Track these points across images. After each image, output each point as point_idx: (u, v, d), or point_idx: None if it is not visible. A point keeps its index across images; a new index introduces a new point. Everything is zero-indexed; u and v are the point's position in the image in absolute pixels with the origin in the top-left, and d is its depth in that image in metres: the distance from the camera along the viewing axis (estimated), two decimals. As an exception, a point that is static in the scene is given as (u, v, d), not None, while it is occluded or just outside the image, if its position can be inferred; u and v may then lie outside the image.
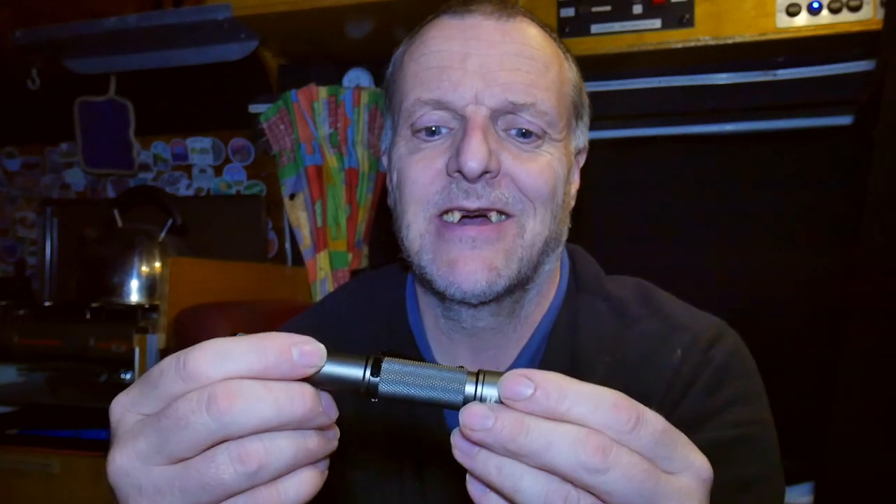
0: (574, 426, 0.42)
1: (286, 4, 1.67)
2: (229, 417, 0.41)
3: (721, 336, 0.86)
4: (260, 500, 0.43)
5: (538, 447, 0.42)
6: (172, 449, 0.42)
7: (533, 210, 0.79)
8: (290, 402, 0.43)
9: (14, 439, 1.78)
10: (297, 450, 0.43)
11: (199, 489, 0.42)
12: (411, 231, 0.80)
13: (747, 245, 1.80)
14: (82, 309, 1.75)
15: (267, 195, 2.26)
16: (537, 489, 0.42)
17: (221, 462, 0.42)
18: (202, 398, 0.41)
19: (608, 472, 0.41)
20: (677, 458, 0.44)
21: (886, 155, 1.26)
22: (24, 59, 2.03)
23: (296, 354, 0.43)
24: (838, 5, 1.47)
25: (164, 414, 0.42)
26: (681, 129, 1.72)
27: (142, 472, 0.43)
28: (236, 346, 0.43)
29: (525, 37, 0.81)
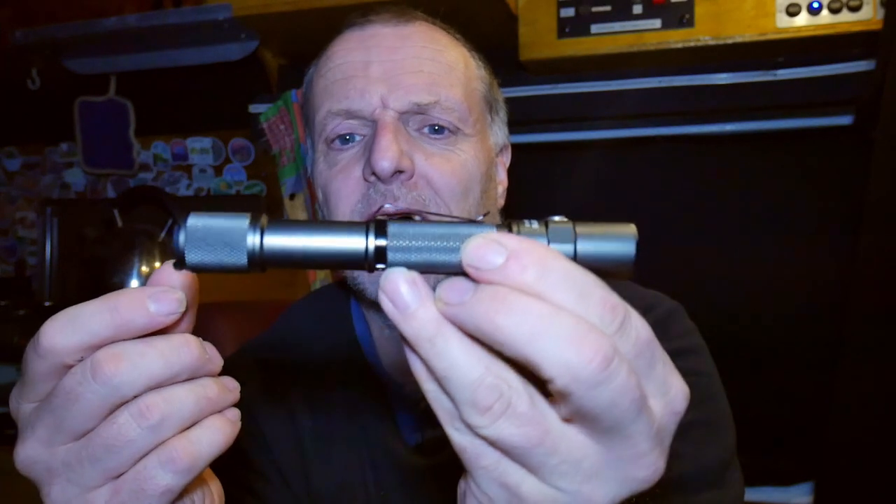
0: (573, 317, 0.33)
1: (286, 4, 1.67)
2: (118, 379, 0.40)
3: (652, 307, 0.86)
4: (173, 453, 0.41)
5: (525, 335, 0.33)
6: (70, 424, 0.41)
7: (449, 212, 0.79)
8: (177, 352, 0.41)
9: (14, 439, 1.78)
10: (197, 397, 0.42)
11: (106, 453, 0.41)
12: None
13: (747, 245, 1.80)
14: (82, 309, 1.75)
15: (267, 195, 2.26)
16: (469, 378, 0.34)
17: (123, 422, 0.41)
18: (86, 368, 0.40)
19: (601, 385, 0.32)
20: (654, 379, 0.36)
21: (886, 155, 1.26)
22: (24, 59, 2.03)
23: (151, 305, 0.41)
24: (838, 5, 1.47)
25: (52, 394, 0.41)
26: (681, 129, 1.72)
27: (48, 455, 0.43)
28: (85, 310, 0.41)
29: (425, 39, 0.83)
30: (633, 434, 0.35)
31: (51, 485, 0.43)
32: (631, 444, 0.35)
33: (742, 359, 1.08)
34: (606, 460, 0.35)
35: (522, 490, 0.36)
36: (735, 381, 0.87)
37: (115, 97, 2.25)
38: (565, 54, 1.64)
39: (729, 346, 0.93)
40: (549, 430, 0.35)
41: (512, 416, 0.34)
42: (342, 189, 0.80)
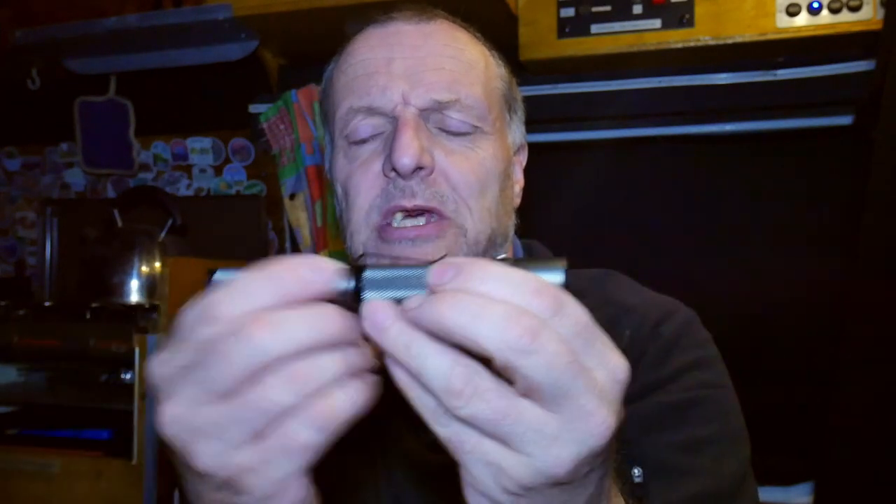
0: (505, 304, 0.41)
1: (286, 4, 1.67)
2: (267, 342, 0.43)
3: (671, 314, 0.87)
4: (313, 411, 0.44)
5: (466, 321, 0.41)
6: (218, 384, 0.43)
7: (468, 209, 0.80)
8: (322, 320, 0.44)
9: (14, 439, 1.78)
10: (339, 364, 0.45)
11: (255, 413, 0.43)
12: (354, 240, 0.82)
13: (747, 245, 1.81)
14: (82, 309, 1.75)
15: (267, 195, 2.26)
16: (442, 370, 0.42)
17: (273, 385, 0.43)
18: (235, 331, 0.43)
19: (533, 354, 0.40)
20: (594, 354, 0.43)
21: (886, 155, 1.26)
22: (24, 59, 2.03)
23: (307, 274, 0.45)
24: (838, 5, 1.47)
25: (202, 355, 0.44)
26: (681, 129, 1.72)
27: (194, 415, 0.44)
28: (252, 279, 0.45)
29: (447, 37, 0.84)
30: (576, 395, 0.41)
31: (195, 443, 0.45)
32: (577, 405, 0.42)
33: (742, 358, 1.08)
34: (562, 424, 0.42)
35: (503, 462, 0.43)
36: (735, 382, 0.87)
37: (115, 97, 2.25)
38: (565, 54, 1.64)
39: (729, 345, 0.92)
40: (511, 403, 0.42)
41: (481, 395, 0.41)
42: (362, 184, 0.80)
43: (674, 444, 0.76)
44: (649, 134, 1.76)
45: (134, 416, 1.57)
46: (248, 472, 0.45)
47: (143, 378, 1.57)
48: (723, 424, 0.80)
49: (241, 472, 0.45)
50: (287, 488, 0.46)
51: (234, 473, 0.45)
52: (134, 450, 1.58)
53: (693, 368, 0.82)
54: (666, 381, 0.80)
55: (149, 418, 1.56)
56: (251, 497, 0.46)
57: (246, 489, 0.45)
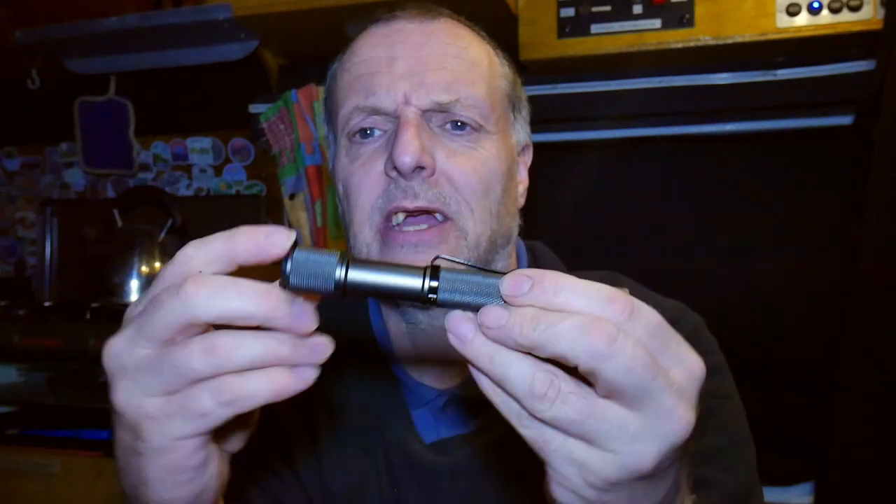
0: (580, 316, 0.43)
1: (286, 4, 1.67)
2: (194, 302, 0.44)
3: (679, 319, 0.87)
4: (222, 386, 0.46)
5: (547, 336, 0.43)
6: (148, 331, 0.46)
7: (470, 210, 0.79)
8: (254, 297, 0.45)
9: (14, 439, 1.78)
10: (265, 349, 0.46)
11: (171, 372, 0.46)
12: (358, 241, 0.82)
13: (747, 244, 1.80)
14: (82, 309, 1.75)
15: (267, 195, 2.26)
16: (524, 376, 0.44)
17: (194, 350, 0.45)
18: (176, 283, 0.45)
19: (612, 358, 0.42)
20: (671, 354, 0.45)
21: (886, 155, 1.26)
22: (24, 59, 2.03)
23: (263, 236, 0.46)
24: (838, 5, 1.47)
25: (150, 301, 0.47)
26: (681, 129, 1.72)
27: (126, 354, 0.47)
28: (214, 236, 0.47)
29: (450, 36, 0.83)
30: (656, 394, 0.43)
31: (120, 379, 0.48)
32: (657, 403, 0.43)
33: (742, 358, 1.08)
34: (645, 421, 0.44)
35: (588, 460, 0.45)
36: (735, 381, 0.87)
37: (115, 97, 2.25)
38: (565, 54, 1.64)
39: (728, 345, 0.92)
40: (594, 404, 0.44)
41: (563, 397, 0.44)
42: (363, 183, 0.80)
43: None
44: (649, 134, 1.75)
45: (134, 416, 1.57)
46: (150, 420, 0.47)
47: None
48: (731, 434, 0.81)
49: (144, 420, 0.47)
50: (179, 448, 0.48)
51: (138, 418, 0.48)
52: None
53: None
54: None
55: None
56: (146, 445, 0.48)
57: (144, 436, 0.48)
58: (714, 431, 0.79)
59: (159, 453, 0.48)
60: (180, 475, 0.49)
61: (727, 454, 0.78)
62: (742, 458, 0.81)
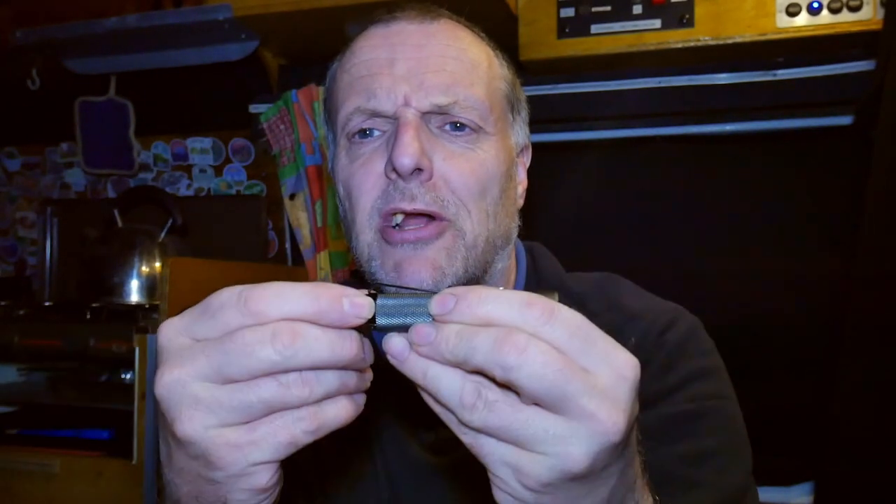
0: (495, 328, 0.46)
1: (286, 4, 1.67)
2: (291, 352, 0.47)
3: (675, 321, 0.87)
4: (307, 415, 0.50)
5: (466, 351, 0.46)
6: (233, 371, 0.47)
7: (467, 212, 0.80)
8: (342, 346, 0.49)
9: (14, 439, 1.78)
10: (340, 384, 0.50)
11: (258, 402, 0.48)
12: (360, 241, 0.82)
13: (747, 245, 1.80)
14: (82, 309, 1.75)
15: (267, 195, 2.26)
16: (453, 389, 0.47)
17: (282, 383, 0.48)
18: (267, 332, 0.47)
19: (521, 368, 0.44)
20: (595, 354, 0.46)
21: (886, 155, 1.26)
22: (24, 59, 2.03)
23: (346, 305, 0.49)
24: (838, 5, 1.47)
25: (230, 340, 0.48)
26: (681, 129, 1.72)
27: (199, 387, 0.48)
28: (294, 291, 0.48)
29: (449, 37, 0.84)
30: (574, 397, 0.45)
31: (193, 409, 0.48)
32: (578, 406, 0.45)
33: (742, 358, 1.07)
34: (570, 424, 0.45)
35: (520, 463, 0.47)
36: (735, 382, 0.87)
37: (115, 97, 2.25)
38: (565, 54, 1.64)
39: (729, 345, 0.92)
40: (518, 410, 0.46)
41: (490, 405, 0.46)
42: (363, 184, 0.81)
43: (678, 456, 0.77)
44: (649, 134, 1.76)
45: (134, 416, 1.57)
46: (231, 448, 0.49)
47: (143, 378, 1.57)
48: (726, 436, 0.81)
49: (224, 448, 0.49)
50: (258, 472, 0.50)
51: (214, 447, 0.49)
52: (134, 450, 1.58)
53: (698, 378, 0.82)
54: (670, 391, 0.81)
55: (149, 418, 1.56)
56: (223, 473, 0.50)
57: (221, 465, 0.49)
58: (709, 433, 0.79)
59: (241, 478, 0.50)
60: (261, 495, 0.52)
61: (721, 456, 0.78)
62: (737, 459, 0.81)
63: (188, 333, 0.50)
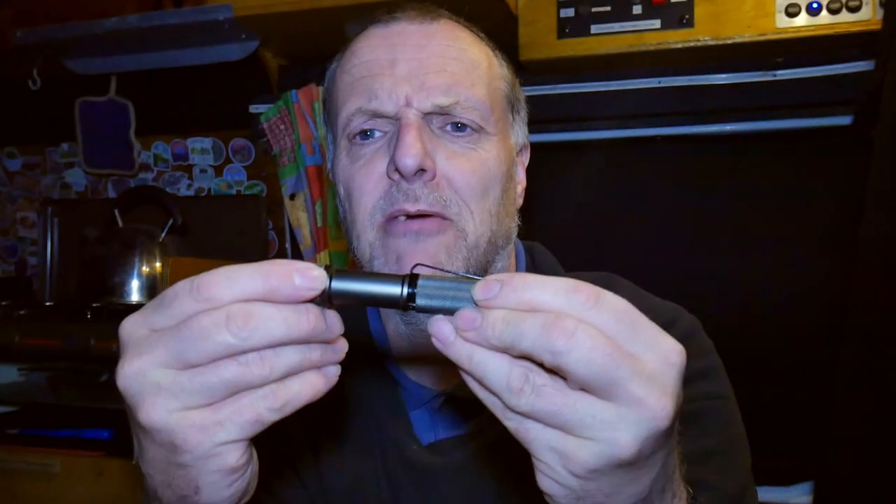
0: (542, 313, 0.46)
1: (286, 4, 1.67)
2: (246, 333, 0.47)
3: (674, 321, 0.87)
4: (271, 393, 0.49)
5: (514, 336, 0.46)
6: (191, 356, 0.48)
7: (469, 212, 0.80)
8: (297, 321, 0.48)
9: (14, 439, 1.78)
10: (301, 358, 0.50)
11: (219, 384, 0.48)
12: (361, 242, 0.82)
13: (747, 244, 1.81)
14: (83, 309, 1.75)
15: (267, 195, 2.26)
16: (500, 373, 0.47)
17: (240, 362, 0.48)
18: (221, 316, 0.47)
19: (570, 352, 0.44)
20: (641, 339, 0.46)
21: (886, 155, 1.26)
22: (25, 59, 2.03)
23: (297, 279, 0.48)
24: (838, 5, 1.47)
25: (185, 326, 0.48)
26: (681, 129, 1.72)
27: (159, 374, 0.49)
28: (243, 272, 0.48)
29: (449, 37, 0.84)
30: (623, 382, 0.45)
31: (155, 396, 0.49)
32: (626, 391, 0.45)
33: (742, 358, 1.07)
34: (618, 410, 0.45)
35: (567, 449, 0.46)
36: (735, 381, 0.87)
37: (115, 97, 2.25)
38: (565, 54, 1.64)
39: (728, 345, 0.93)
40: (567, 395, 0.46)
41: (538, 390, 0.46)
42: (365, 185, 0.80)
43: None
44: (649, 134, 1.76)
45: (134, 416, 1.57)
46: (197, 430, 0.49)
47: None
48: (725, 436, 0.81)
49: (189, 430, 0.49)
50: (228, 452, 0.50)
51: (179, 430, 0.49)
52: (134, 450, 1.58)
53: (697, 379, 0.82)
54: None
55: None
56: (191, 455, 0.50)
57: (188, 447, 0.49)
58: (708, 433, 0.79)
59: (209, 459, 0.50)
60: (232, 475, 0.52)
61: (721, 456, 0.78)
62: (736, 459, 0.81)
63: (147, 325, 0.50)
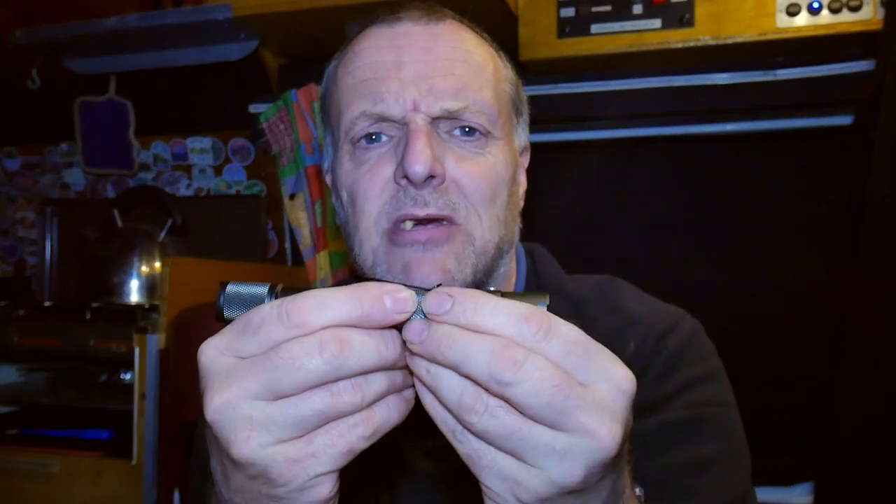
0: (492, 338, 0.45)
1: (286, 4, 1.67)
2: (340, 361, 0.46)
3: (675, 325, 0.86)
4: (359, 420, 0.49)
5: (458, 358, 0.45)
6: (284, 386, 0.46)
7: (478, 217, 0.78)
8: (387, 347, 0.48)
9: (14, 439, 1.78)
10: (389, 384, 0.50)
11: (312, 415, 0.47)
12: (364, 248, 0.80)
13: (747, 245, 1.81)
14: (82, 309, 1.75)
15: (267, 195, 2.26)
16: (454, 389, 0.46)
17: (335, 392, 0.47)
18: (314, 343, 0.46)
19: (518, 385, 0.43)
20: (593, 369, 0.46)
21: (886, 155, 1.26)
22: (24, 59, 2.03)
23: (388, 302, 0.47)
24: (838, 5, 1.47)
25: (276, 355, 0.46)
26: (681, 129, 1.72)
27: (250, 406, 0.47)
28: (335, 297, 0.47)
29: (456, 39, 0.82)
30: (573, 413, 0.44)
31: (240, 432, 0.47)
32: (577, 422, 0.44)
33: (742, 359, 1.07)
34: (570, 440, 0.45)
35: (518, 476, 0.46)
36: (735, 382, 0.87)
37: (115, 97, 2.25)
38: (565, 54, 1.64)
39: (729, 345, 0.92)
40: (520, 420, 0.45)
41: (492, 410, 0.45)
42: (370, 189, 0.78)
43: (676, 464, 0.76)
44: (649, 134, 1.76)
45: (134, 416, 1.57)
46: (291, 464, 0.48)
47: (143, 378, 1.57)
48: (725, 443, 0.80)
49: (283, 464, 0.48)
50: (321, 483, 0.49)
51: (274, 465, 0.48)
52: (134, 450, 1.58)
53: (697, 384, 0.81)
54: (670, 397, 0.80)
55: (149, 418, 1.56)
56: (285, 489, 0.49)
57: (282, 481, 0.48)
58: (706, 440, 0.78)
59: (303, 492, 0.49)
60: None
61: (720, 463, 0.78)
62: (736, 466, 0.80)
63: (231, 352, 0.49)
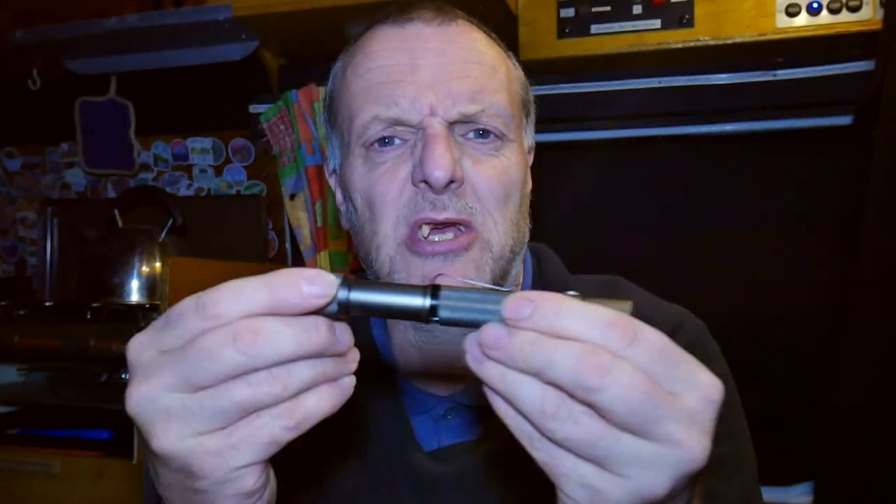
0: (578, 344, 0.43)
1: (286, 4, 1.67)
2: (254, 351, 0.45)
3: (680, 326, 0.86)
4: (285, 412, 0.47)
5: (543, 363, 0.43)
6: (199, 378, 0.46)
7: (493, 221, 0.78)
8: (307, 335, 0.46)
9: (14, 439, 1.78)
10: (316, 373, 0.48)
11: (231, 406, 0.46)
12: (381, 254, 0.79)
13: (747, 245, 1.81)
14: (83, 309, 1.75)
15: (267, 195, 2.26)
16: (534, 395, 0.44)
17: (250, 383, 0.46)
18: (228, 334, 0.45)
19: (605, 390, 0.42)
20: (680, 377, 0.44)
21: (886, 155, 1.26)
22: (25, 59, 2.03)
23: (304, 287, 0.46)
24: (838, 5, 1.47)
25: (191, 347, 0.46)
26: (681, 129, 1.72)
27: (168, 398, 0.47)
28: (248, 285, 0.46)
29: (469, 40, 0.81)
30: (662, 422, 0.42)
31: (160, 424, 0.47)
32: (665, 431, 0.43)
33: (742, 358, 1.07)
34: (656, 449, 0.43)
35: (600, 485, 0.44)
36: (735, 381, 0.87)
37: (115, 97, 2.25)
38: (565, 54, 1.64)
39: (729, 345, 0.92)
40: (606, 427, 0.43)
41: (575, 417, 0.43)
42: (388, 192, 0.77)
43: None
44: (649, 134, 1.76)
45: (134, 416, 1.57)
46: (211, 456, 0.47)
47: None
48: (732, 445, 0.79)
49: (203, 457, 0.47)
50: (244, 476, 0.48)
51: (194, 457, 0.47)
52: (134, 450, 1.58)
53: None
54: None
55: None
56: (207, 481, 0.48)
57: (204, 473, 0.47)
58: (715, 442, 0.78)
59: (225, 484, 0.48)
60: (250, 498, 0.50)
61: (728, 465, 0.77)
62: (743, 468, 0.80)
63: (154, 346, 0.48)
